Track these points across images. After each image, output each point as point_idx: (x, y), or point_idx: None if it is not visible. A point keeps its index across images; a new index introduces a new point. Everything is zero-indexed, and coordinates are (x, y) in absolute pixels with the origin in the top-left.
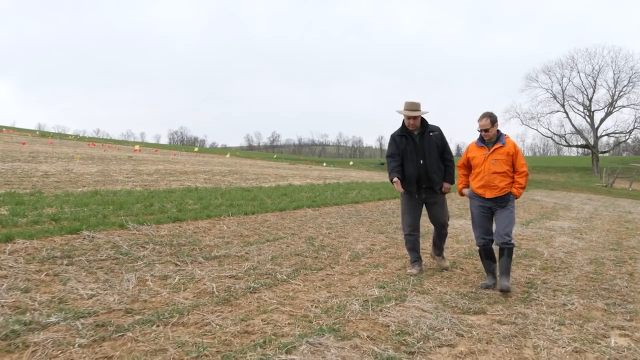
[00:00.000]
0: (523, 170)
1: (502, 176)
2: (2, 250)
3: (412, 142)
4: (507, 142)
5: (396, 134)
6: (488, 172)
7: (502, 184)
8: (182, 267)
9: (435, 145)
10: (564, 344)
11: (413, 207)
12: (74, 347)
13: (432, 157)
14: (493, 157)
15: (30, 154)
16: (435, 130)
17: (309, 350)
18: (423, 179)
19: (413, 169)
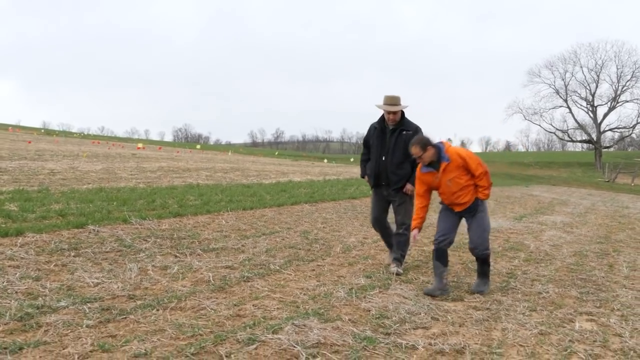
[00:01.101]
0: (480, 173)
1: (464, 191)
2: (14, 243)
3: (381, 136)
4: (450, 156)
5: (373, 124)
6: (449, 192)
7: (467, 198)
8: (182, 259)
9: (403, 145)
10: (531, 327)
11: (378, 200)
12: (82, 327)
13: (396, 156)
14: (445, 178)
15: (36, 152)
16: (410, 130)
17: (294, 330)
18: (382, 176)
19: (374, 164)
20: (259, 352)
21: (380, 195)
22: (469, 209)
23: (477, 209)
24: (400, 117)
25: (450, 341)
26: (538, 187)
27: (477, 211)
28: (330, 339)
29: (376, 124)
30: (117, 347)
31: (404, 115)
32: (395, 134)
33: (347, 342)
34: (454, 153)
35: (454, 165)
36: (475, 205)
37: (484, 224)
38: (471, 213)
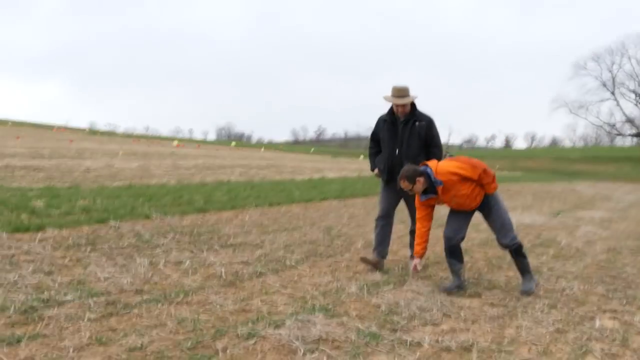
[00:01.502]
0: (479, 175)
1: (470, 198)
2: (33, 238)
3: (392, 129)
4: (443, 178)
5: (382, 116)
6: (457, 205)
7: (477, 200)
8: (197, 254)
9: (417, 136)
10: (548, 324)
11: (388, 193)
12: (84, 321)
13: (411, 149)
14: (448, 197)
15: (77, 151)
16: (423, 120)
17: (296, 325)
18: (396, 170)
19: (387, 158)
20: (257, 347)
21: (392, 189)
22: (481, 207)
23: (490, 204)
24: (411, 108)
25: (458, 338)
26: (582, 183)
27: (490, 206)
28: (333, 335)
29: (385, 116)
30: (115, 341)
31: (415, 106)
32: (408, 125)
33: (350, 338)
34: (445, 173)
35: (450, 188)
36: (487, 201)
37: (502, 216)
38: (485, 210)
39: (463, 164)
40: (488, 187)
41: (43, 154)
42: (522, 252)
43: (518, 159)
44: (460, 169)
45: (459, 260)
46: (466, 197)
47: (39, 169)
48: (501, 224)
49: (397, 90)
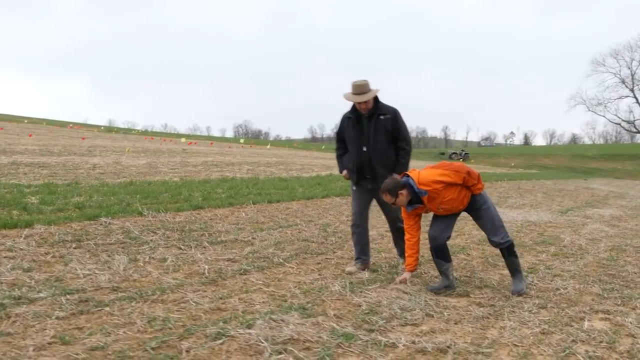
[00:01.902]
0: (462, 179)
1: (457, 202)
2: (19, 234)
3: (357, 126)
4: (427, 188)
5: (346, 114)
6: (445, 211)
7: (465, 202)
8: (185, 251)
9: (384, 131)
10: (534, 325)
11: (360, 195)
12: (51, 319)
13: (378, 144)
14: (435, 206)
15: (87, 148)
16: (388, 113)
17: (268, 325)
18: (366, 169)
19: (354, 156)
20: (222, 347)
21: (364, 189)
22: (469, 208)
23: (478, 204)
24: (374, 102)
25: (436, 339)
26: (597, 180)
27: (479, 206)
28: (305, 335)
29: (349, 113)
30: (78, 340)
31: (378, 99)
32: (373, 120)
33: (322, 339)
34: (428, 183)
35: (435, 197)
36: (474, 202)
37: (491, 214)
38: (473, 211)
39: (445, 170)
40: (474, 188)
41: (53, 151)
42: (514, 252)
43: (535, 157)
44: (443, 176)
45: (445, 259)
46: (453, 201)
47: (44, 166)
48: (491, 222)
49: (356, 86)
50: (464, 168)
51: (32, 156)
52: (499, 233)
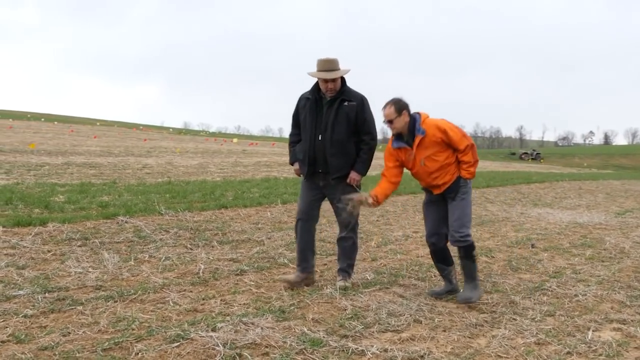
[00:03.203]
0: (465, 147)
1: (441, 171)
2: (29, 232)
3: (315, 110)
4: (427, 129)
5: (304, 94)
6: (425, 174)
7: (446, 178)
8: (190, 250)
9: (346, 119)
10: (530, 335)
11: (309, 192)
12: (18, 317)
13: (336, 134)
14: (420, 156)
15: (147, 150)
16: (354, 100)
17: (234, 328)
18: (318, 161)
19: (307, 146)
20: (175, 351)
21: (313, 185)
22: (449, 189)
23: (459, 190)
24: (341, 85)
25: (411, 348)
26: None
27: (458, 192)
28: (269, 340)
29: (308, 94)
30: (33, 339)
31: (345, 83)
32: (334, 105)
33: (286, 344)
34: (431, 126)
35: (431, 141)
36: (456, 186)
37: (464, 207)
38: (451, 194)
39: (454, 126)
40: (467, 167)
41: (113, 152)
42: (472, 255)
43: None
44: (449, 129)
45: (446, 263)
46: (439, 167)
47: (94, 166)
48: (459, 215)
49: (324, 62)
50: (471, 139)
51: (89, 157)
52: (462, 230)
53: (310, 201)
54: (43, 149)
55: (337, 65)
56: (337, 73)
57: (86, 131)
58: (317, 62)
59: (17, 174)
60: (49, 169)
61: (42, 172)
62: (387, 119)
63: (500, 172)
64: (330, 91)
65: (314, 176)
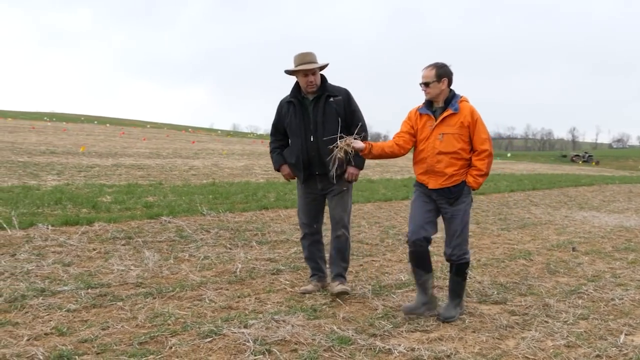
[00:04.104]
0: (484, 149)
1: (451, 158)
2: (75, 231)
3: (301, 112)
4: (461, 108)
5: (285, 99)
6: (432, 152)
7: (450, 170)
8: (229, 250)
9: (335, 115)
10: (560, 338)
11: (309, 201)
12: (61, 311)
13: (328, 132)
14: (439, 130)
15: (195, 152)
16: (339, 94)
17: (265, 325)
18: (314, 162)
19: (299, 149)
20: (207, 345)
21: (313, 190)
22: (450, 191)
23: (461, 197)
24: (322, 82)
25: (438, 348)
26: None
27: (459, 200)
28: (298, 337)
29: (289, 97)
30: (74, 332)
31: (326, 79)
32: (320, 103)
33: (315, 341)
34: (467, 107)
35: (458, 120)
36: (460, 191)
37: (465, 221)
38: (451, 201)
39: (485, 126)
40: (476, 175)
41: (161, 154)
42: (465, 273)
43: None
44: (480, 122)
45: (425, 269)
46: (452, 155)
47: (142, 167)
48: (461, 229)
49: (301, 56)
50: (492, 149)
51: (138, 159)
52: (462, 245)
53: (313, 215)
54: (94, 151)
55: (315, 58)
56: (317, 65)
57: (137, 133)
58: (294, 58)
59: (68, 175)
60: (99, 171)
61: (91, 174)
62: (424, 81)
63: (548, 175)
64: (310, 86)
65: (310, 180)
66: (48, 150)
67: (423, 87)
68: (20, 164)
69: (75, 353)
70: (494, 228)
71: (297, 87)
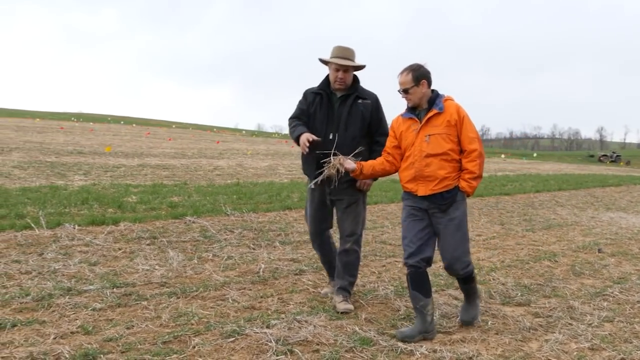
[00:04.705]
0: (473, 149)
1: (441, 160)
2: (101, 231)
3: (327, 106)
4: (446, 107)
5: (312, 89)
6: (419, 155)
7: (441, 173)
8: (252, 250)
9: (361, 118)
10: (584, 340)
11: (318, 207)
12: (87, 310)
13: (350, 133)
14: (425, 132)
15: (219, 152)
16: (368, 98)
17: (287, 326)
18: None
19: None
20: (229, 345)
21: (320, 196)
22: (442, 196)
23: (455, 204)
24: (353, 82)
25: (461, 349)
26: None
27: (453, 207)
28: (320, 337)
29: (317, 89)
30: (100, 330)
31: (358, 80)
32: (348, 102)
33: (337, 342)
34: (452, 106)
35: (444, 120)
36: (452, 197)
37: (463, 231)
38: (444, 208)
39: (473, 124)
40: (468, 178)
41: (187, 154)
42: (473, 278)
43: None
44: (467, 121)
45: (424, 293)
46: (441, 156)
47: (167, 167)
48: (460, 240)
49: (340, 49)
50: (483, 150)
51: (163, 159)
52: (462, 257)
53: (321, 218)
54: (120, 151)
55: (353, 55)
56: (352, 62)
57: (162, 133)
58: (332, 49)
59: (94, 175)
60: (125, 171)
61: (118, 174)
62: (402, 88)
63: (575, 175)
64: (339, 82)
65: (320, 182)
66: (75, 150)
67: (402, 94)
68: (48, 164)
69: (101, 352)
70: (519, 229)
71: (327, 80)
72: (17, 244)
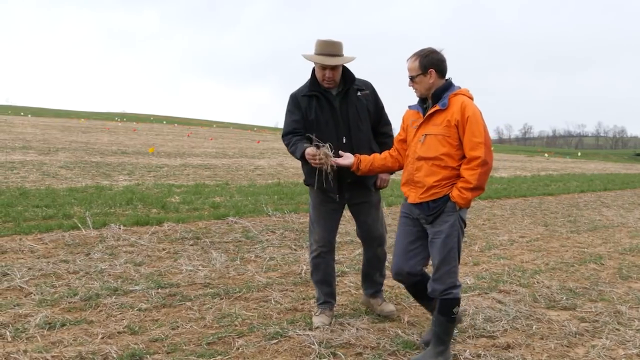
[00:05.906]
0: (474, 156)
1: (432, 165)
2: (146, 231)
3: (327, 107)
4: (451, 104)
5: (303, 92)
6: (412, 157)
7: (429, 180)
8: (294, 251)
9: (367, 113)
10: (633, 346)
11: (327, 214)
12: (133, 310)
13: (363, 132)
14: (423, 130)
15: (260, 151)
16: (366, 88)
17: (330, 328)
18: (345, 170)
19: None
20: (273, 347)
21: (331, 203)
22: (428, 206)
23: (442, 216)
24: (344, 73)
25: (504, 355)
26: None
27: (440, 220)
28: (363, 341)
29: (310, 90)
30: (146, 331)
31: (349, 70)
32: (350, 98)
33: (380, 345)
34: (458, 103)
35: (444, 118)
36: (438, 206)
37: (450, 245)
38: (430, 219)
39: (482, 126)
40: (462, 189)
41: (228, 153)
42: (453, 312)
43: None
44: (474, 121)
45: (429, 297)
46: (433, 161)
47: (209, 167)
48: (444, 257)
49: (324, 44)
50: (491, 157)
51: (205, 158)
52: (447, 279)
53: (330, 226)
54: (163, 151)
55: (340, 50)
56: (340, 60)
57: (203, 133)
58: (315, 44)
59: (138, 175)
60: (167, 170)
61: (161, 174)
62: (409, 75)
63: (621, 175)
64: (328, 82)
65: (339, 191)
66: (119, 150)
67: (410, 82)
68: (94, 164)
69: (147, 352)
70: (563, 230)
71: (314, 78)
72: (65, 244)
